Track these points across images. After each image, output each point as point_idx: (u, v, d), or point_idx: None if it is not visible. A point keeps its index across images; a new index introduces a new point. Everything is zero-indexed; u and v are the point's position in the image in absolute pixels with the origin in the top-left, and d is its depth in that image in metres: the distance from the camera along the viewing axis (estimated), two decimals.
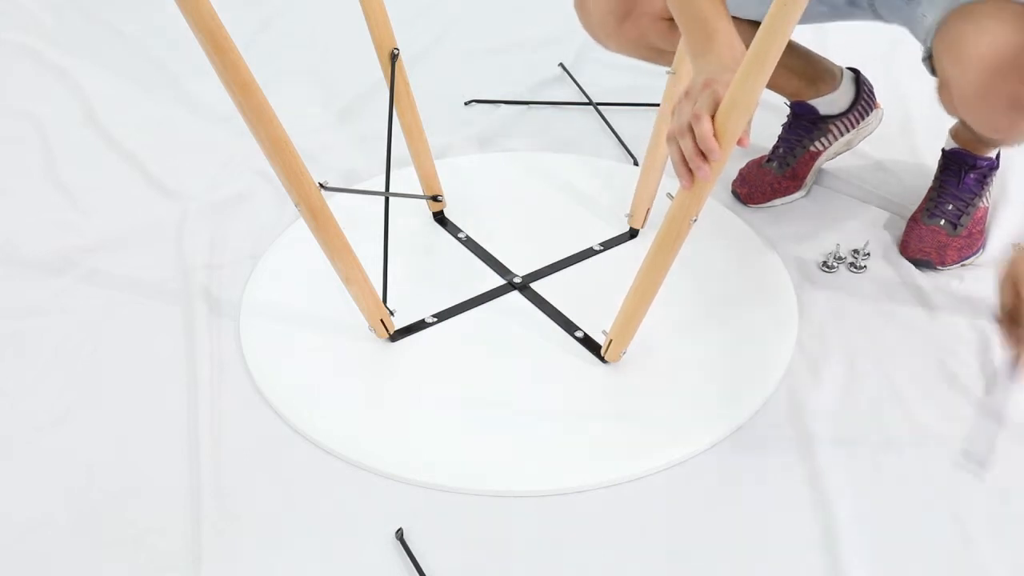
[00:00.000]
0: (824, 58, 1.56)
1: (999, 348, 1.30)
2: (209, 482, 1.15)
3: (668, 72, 1.32)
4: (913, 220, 1.47)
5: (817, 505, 1.12)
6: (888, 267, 1.45)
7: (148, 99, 1.91)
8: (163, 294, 1.43)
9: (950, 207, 1.44)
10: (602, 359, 1.29)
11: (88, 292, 1.44)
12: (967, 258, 1.44)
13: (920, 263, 1.44)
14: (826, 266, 1.45)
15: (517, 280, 1.43)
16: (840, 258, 1.46)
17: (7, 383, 1.29)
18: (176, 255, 1.50)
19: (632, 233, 1.51)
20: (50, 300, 1.42)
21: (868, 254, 1.46)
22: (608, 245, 1.50)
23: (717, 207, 1.55)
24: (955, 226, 1.43)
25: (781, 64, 0.98)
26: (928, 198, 1.48)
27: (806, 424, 1.21)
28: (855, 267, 1.45)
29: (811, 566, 1.06)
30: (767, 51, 0.95)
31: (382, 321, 1.30)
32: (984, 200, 1.46)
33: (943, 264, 1.43)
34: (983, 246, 1.46)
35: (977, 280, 1.41)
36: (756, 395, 1.25)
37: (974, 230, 1.45)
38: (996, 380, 1.26)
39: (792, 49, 1.48)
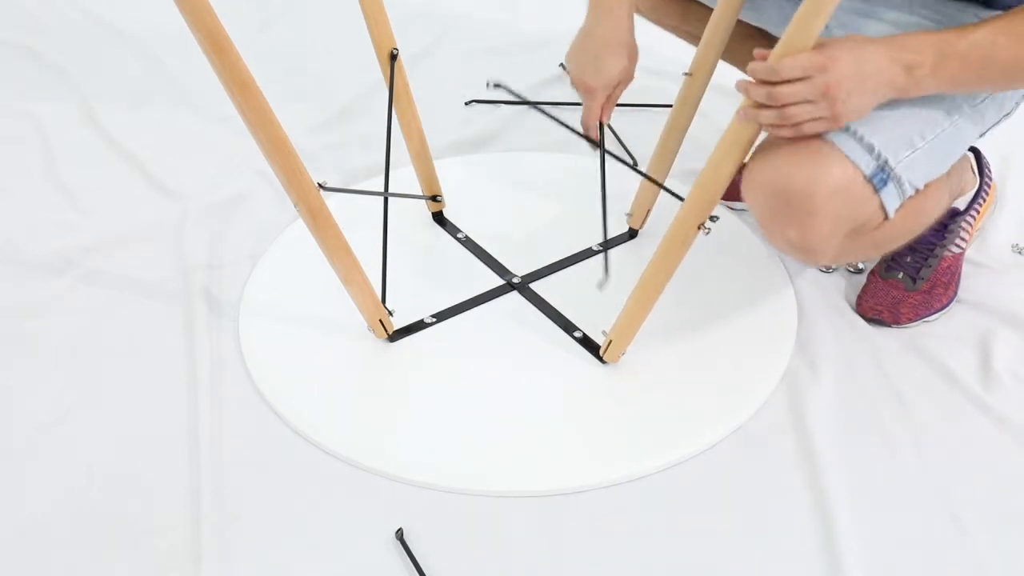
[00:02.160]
0: None
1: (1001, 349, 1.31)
2: (209, 482, 1.15)
3: (685, 74, 1.31)
4: (872, 274, 1.39)
5: (816, 505, 1.12)
6: None
7: (148, 99, 1.91)
8: (163, 294, 1.43)
9: (908, 259, 1.35)
10: (601, 359, 1.29)
11: (88, 292, 1.44)
12: (926, 316, 1.34)
13: (873, 321, 1.35)
14: (825, 267, 1.45)
15: (516, 280, 1.43)
16: None
17: (7, 383, 1.29)
18: (176, 255, 1.50)
19: (632, 233, 1.51)
20: (50, 300, 1.42)
21: None
22: (607, 245, 1.50)
23: (716, 208, 1.55)
24: (914, 280, 1.34)
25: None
26: None
27: (806, 424, 1.21)
28: (854, 268, 1.44)
29: (810, 566, 1.06)
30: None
31: (381, 321, 1.30)
32: (951, 248, 1.36)
33: (897, 323, 1.34)
34: (951, 300, 1.36)
35: (977, 280, 1.41)
36: (756, 395, 1.26)
37: (937, 282, 1.35)
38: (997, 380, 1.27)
39: None
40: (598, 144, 1.37)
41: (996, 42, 1.00)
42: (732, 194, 1.56)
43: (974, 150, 1.41)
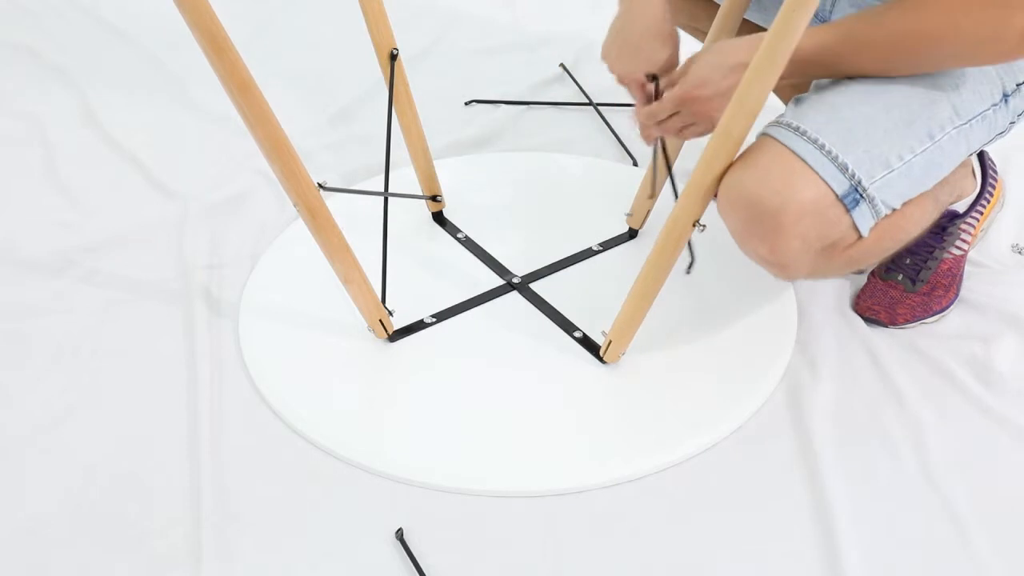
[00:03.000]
0: None
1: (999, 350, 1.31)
2: (209, 482, 1.15)
3: None
4: (872, 275, 1.38)
5: (816, 505, 1.12)
6: None
7: (148, 99, 1.91)
8: (163, 294, 1.43)
9: (907, 261, 1.35)
10: (601, 359, 1.29)
11: (88, 292, 1.44)
12: (924, 318, 1.34)
13: (869, 321, 1.35)
14: None
15: (516, 280, 1.43)
16: None
17: (7, 383, 1.29)
18: (176, 255, 1.50)
19: (632, 233, 1.51)
20: (50, 300, 1.42)
21: None
22: (607, 245, 1.50)
23: (714, 206, 1.55)
24: (914, 281, 1.34)
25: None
26: None
27: (806, 424, 1.21)
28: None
29: (810, 566, 1.06)
30: (774, 55, 0.95)
31: (381, 321, 1.30)
32: (952, 250, 1.36)
33: (893, 323, 1.34)
34: (952, 302, 1.36)
35: (977, 280, 1.41)
36: (756, 395, 1.26)
37: (937, 284, 1.35)
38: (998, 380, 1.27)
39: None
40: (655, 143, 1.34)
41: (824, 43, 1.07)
42: None
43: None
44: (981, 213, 1.39)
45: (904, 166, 1.08)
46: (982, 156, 1.41)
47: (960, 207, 1.36)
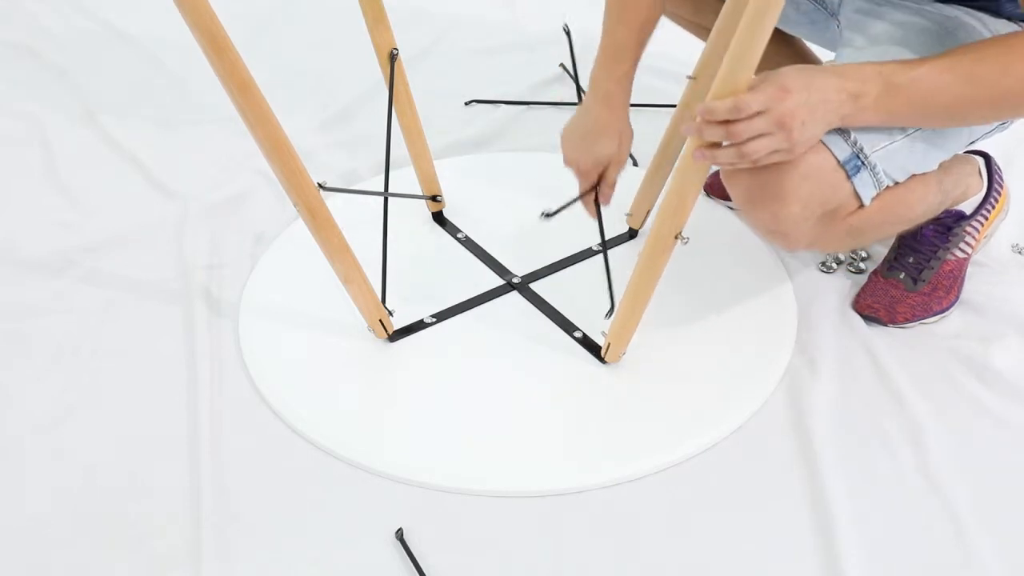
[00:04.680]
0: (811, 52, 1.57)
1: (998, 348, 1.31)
2: (209, 482, 1.15)
3: (688, 77, 1.31)
4: (874, 273, 1.39)
5: (816, 505, 1.12)
6: None
7: (148, 99, 1.91)
8: (163, 294, 1.43)
9: (910, 260, 1.35)
10: (601, 359, 1.29)
11: (88, 292, 1.44)
12: (924, 318, 1.34)
13: (869, 319, 1.35)
14: (825, 267, 1.45)
15: (516, 280, 1.43)
16: (839, 260, 1.46)
17: (7, 383, 1.29)
18: (176, 255, 1.50)
19: (632, 233, 1.51)
20: (50, 300, 1.42)
21: (867, 256, 1.46)
22: (607, 245, 1.50)
23: (716, 207, 1.55)
24: (915, 281, 1.34)
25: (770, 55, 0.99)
26: (891, 248, 1.39)
27: (805, 424, 1.21)
28: (854, 268, 1.44)
29: (810, 566, 1.06)
30: (743, 58, 0.96)
31: (381, 321, 1.30)
32: (955, 252, 1.35)
33: (892, 322, 1.34)
34: (952, 303, 1.36)
35: (977, 280, 1.41)
36: (756, 395, 1.26)
37: (939, 285, 1.35)
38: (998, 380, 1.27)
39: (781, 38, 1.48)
40: (595, 218, 1.38)
41: (939, 79, 1.02)
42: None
43: (984, 155, 1.41)
44: (987, 216, 1.39)
45: (906, 139, 1.09)
46: (989, 162, 1.42)
47: (967, 208, 1.36)
